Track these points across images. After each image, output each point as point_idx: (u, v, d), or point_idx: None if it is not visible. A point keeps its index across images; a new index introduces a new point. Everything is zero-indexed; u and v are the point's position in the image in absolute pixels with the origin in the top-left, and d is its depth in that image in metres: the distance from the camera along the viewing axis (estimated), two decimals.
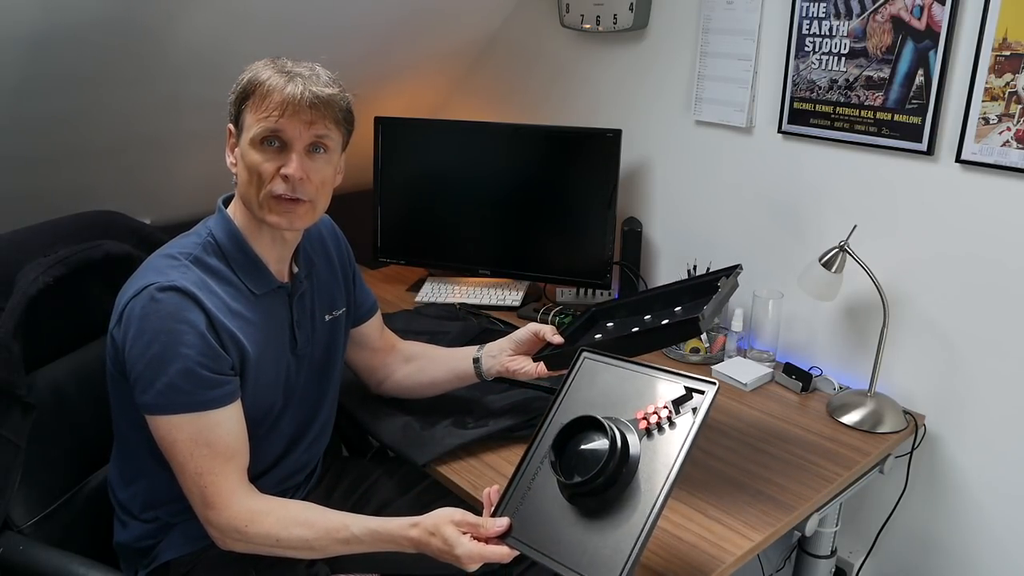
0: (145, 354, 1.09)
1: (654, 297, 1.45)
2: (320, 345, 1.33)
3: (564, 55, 2.10)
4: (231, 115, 1.19)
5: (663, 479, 0.98)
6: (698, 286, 1.40)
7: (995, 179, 1.41)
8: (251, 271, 1.20)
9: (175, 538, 1.22)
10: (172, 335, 1.09)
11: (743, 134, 1.76)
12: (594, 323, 1.48)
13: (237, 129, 1.18)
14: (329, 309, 1.35)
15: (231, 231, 1.20)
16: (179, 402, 1.10)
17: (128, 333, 1.11)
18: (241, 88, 1.17)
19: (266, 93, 1.13)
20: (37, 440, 1.19)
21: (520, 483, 1.09)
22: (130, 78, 1.63)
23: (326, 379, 1.37)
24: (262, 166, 1.14)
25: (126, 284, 1.16)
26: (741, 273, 1.38)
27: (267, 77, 1.14)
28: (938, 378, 1.54)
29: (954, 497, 1.57)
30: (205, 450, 1.11)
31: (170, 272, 1.13)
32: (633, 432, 1.04)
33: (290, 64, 1.17)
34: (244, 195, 1.18)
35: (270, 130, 1.14)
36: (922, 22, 1.43)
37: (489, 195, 2.05)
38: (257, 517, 1.12)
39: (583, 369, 1.17)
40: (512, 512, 1.07)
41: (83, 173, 1.82)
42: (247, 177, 1.16)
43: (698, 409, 1.02)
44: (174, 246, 1.20)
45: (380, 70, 2.09)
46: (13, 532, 1.18)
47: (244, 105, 1.16)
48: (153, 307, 1.10)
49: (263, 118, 1.13)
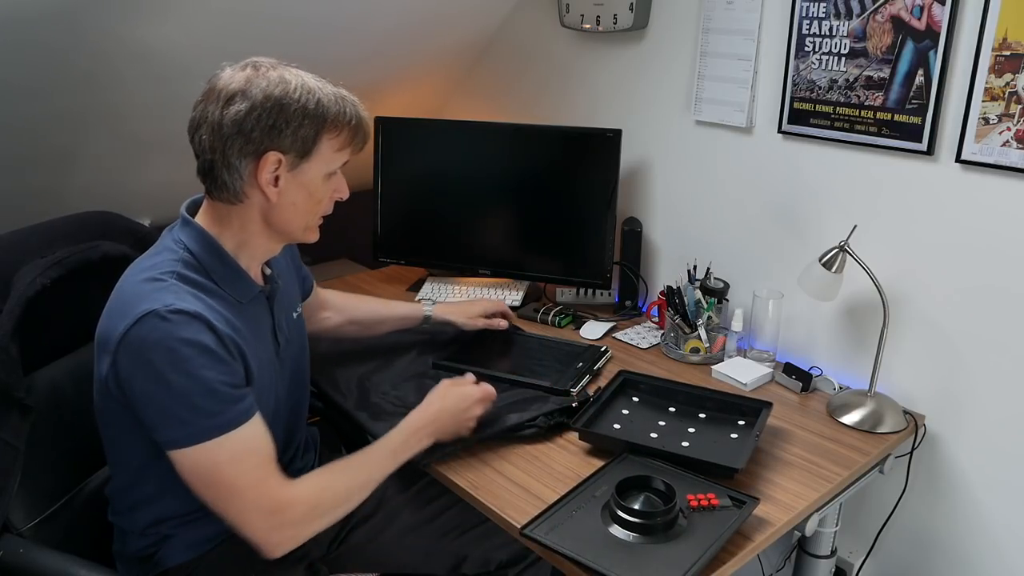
0: (162, 389, 1.03)
1: (679, 390, 1.55)
2: (295, 344, 1.33)
3: (564, 55, 2.09)
4: (290, 144, 1.10)
5: (698, 552, 1.11)
6: (728, 403, 1.50)
7: (995, 179, 1.40)
8: (233, 281, 1.16)
9: (176, 546, 1.21)
10: (189, 362, 1.03)
11: (743, 134, 1.76)
12: (623, 390, 1.57)
13: (299, 158, 1.12)
14: (295, 305, 1.35)
15: (208, 243, 1.15)
16: (211, 426, 1.05)
17: (133, 367, 1.04)
18: (319, 119, 1.11)
19: (355, 130, 1.15)
20: (35, 442, 1.19)
21: (562, 510, 1.20)
22: (129, 78, 1.62)
23: (302, 381, 1.37)
24: (327, 195, 1.18)
25: (107, 319, 1.08)
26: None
27: (348, 112, 1.14)
28: (938, 378, 1.54)
29: (954, 497, 1.57)
30: (253, 460, 1.08)
31: (163, 295, 1.05)
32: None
33: (330, 85, 1.15)
34: (293, 221, 1.17)
35: (344, 163, 1.17)
36: (922, 22, 1.43)
37: (489, 195, 2.05)
38: (323, 485, 1.15)
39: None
40: (549, 529, 1.17)
41: (81, 174, 1.82)
42: (309, 207, 1.16)
43: (735, 520, 1.17)
44: (148, 269, 1.11)
45: (380, 70, 2.09)
46: (12, 535, 1.17)
47: (321, 137, 1.12)
48: (156, 336, 1.03)
49: (350, 149, 1.16)
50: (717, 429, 1.44)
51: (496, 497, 1.26)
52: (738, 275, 1.80)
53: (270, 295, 1.24)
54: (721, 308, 1.75)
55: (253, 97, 1.08)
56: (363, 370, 1.62)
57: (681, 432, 1.42)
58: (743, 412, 1.47)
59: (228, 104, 1.09)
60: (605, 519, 1.16)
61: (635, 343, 1.82)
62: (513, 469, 1.33)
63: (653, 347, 1.81)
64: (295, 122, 1.09)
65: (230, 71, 1.12)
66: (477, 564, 1.40)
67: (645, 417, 1.47)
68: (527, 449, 1.39)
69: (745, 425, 1.44)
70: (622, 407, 1.50)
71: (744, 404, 1.48)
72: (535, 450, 1.39)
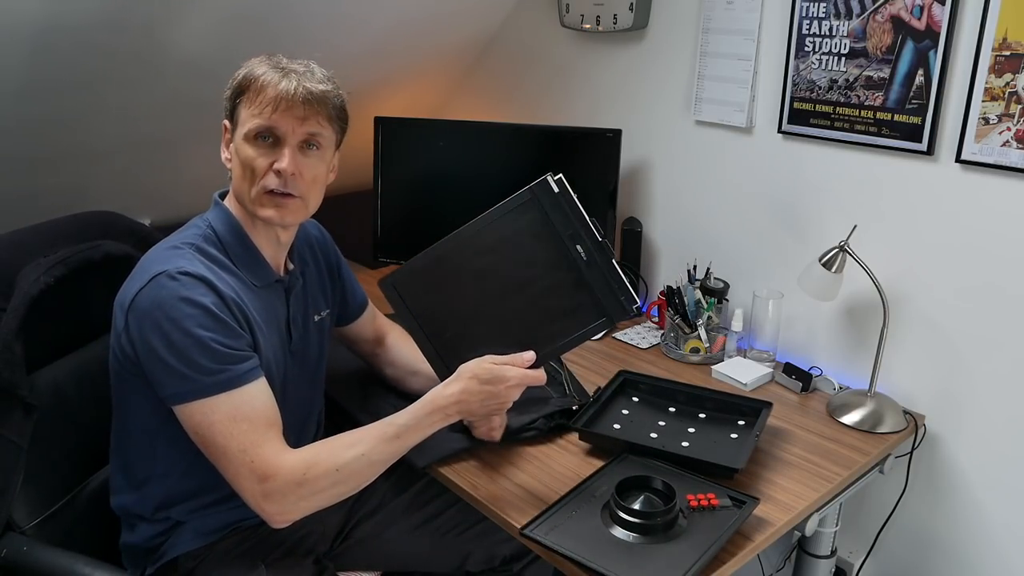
0: (163, 344, 1.08)
1: (679, 390, 1.54)
2: (312, 344, 1.33)
3: (564, 55, 2.10)
4: (226, 110, 1.20)
5: (697, 552, 1.10)
6: (728, 403, 1.50)
7: (995, 179, 1.41)
8: (250, 263, 1.21)
9: (184, 534, 1.22)
10: (188, 319, 1.08)
11: (743, 134, 1.76)
12: (623, 390, 1.56)
13: (232, 124, 1.20)
14: (317, 310, 1.35)
15: (230, 223, 1.21)
16: (208, 383, 1.08)
17: (141, 327, 1.09)
18: (236, 83, 1.18)
19: (260, 88, 1.15)
20: (38, 441, 1.19)
21: (562, 510, 1.19)
22: (129, 78, 1.63)
23: (316, 381, 1.37)
24: (255, 161, 1.16)
25: (126, 284, 1.15)
26: None
27: (262, 73, 1.15)
28: (938, 378, 1.54)
29: (954, 497, 1.57)
30: (245, 425, 1.09)
31: (176, 260, 1.13)
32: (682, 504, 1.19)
33: (285, 61, 1.18)
34: (238, 190, 1.20)
35: (263, 126, 1.15)
36: (922, 22, 1.43)
37: (489, 195, 2.02)
38: (311, 460, 1.10)
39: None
40: (549, 529, 1.16)
41: (82, 174, 1.82)
42: (241, 172, 1.17)
43: (735, 521, 1.16)
44: (173, 239, 1.19)
45: (380, 70, 2.09)
46: (16, 533, 1.18)
47: (239, 100, 1.17)
48: (163, 294, 1.08)
49: (257, 113, 1.15)
50: (717, 429, 1.44)
51: (496, 497, 1.26)
52: (738, 275, 1.81)
53: (288, 287, 1.26)
54: (721, 308, 1.76)
55: None
56: (362, 374, 1.61)
57: (681, 432, 1.43)
58: (743, 412, 1.47)
59: None
60: (605, 519, 1.16)
61: (635, 343, 1.83)
62: (513, 469, 1.33)
63: (653, 347, 1.81)
64: (230, 90, 1.19)
65: None
66: (481, 560, 1.40)
67: (645, 417, 1.48)
68: (527, 449, 1.39)
69: (745, 425, 1.44)
70: (622, 407, 1.51)
71: (744, 404, 1.49)
72: (535, 450, 1.39)
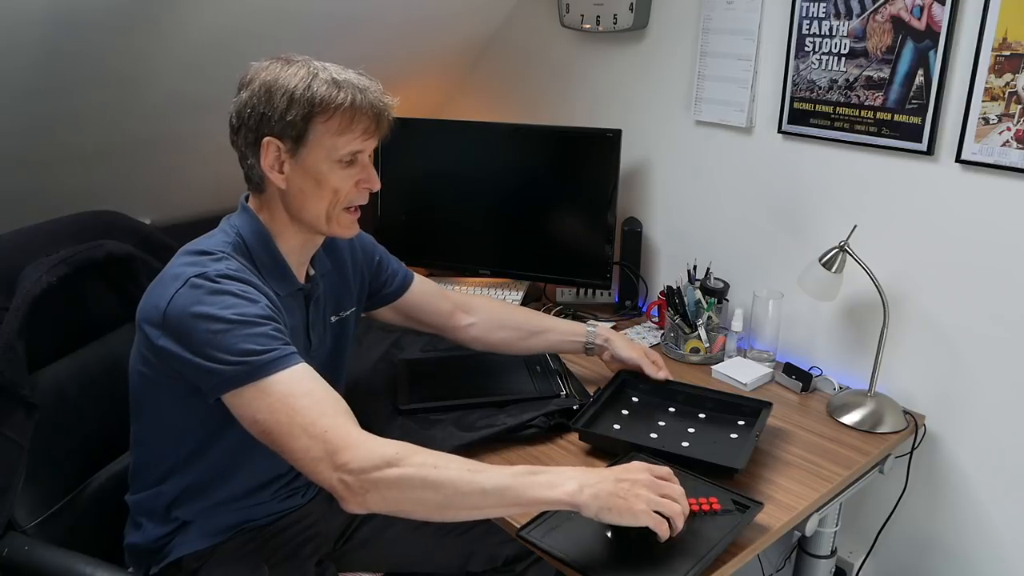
0: (209, 334, 1.03)
1: (679, 390, 1.54)
2: (327, 346, 1.33)
3: (564, 55, 2.10)
4: (280, 129, 1.11)
5: (696, 557, 1.09)
6: (728, 403, 1.50)
7: (995, 179, 1.41)
8: (276, 273, 1.19)
9: (190, 534, 1.21)
10: (230, 308, 1.04)
11: (743, 134, 1.76)
12: (622, 391, 1.56)
13: (297, 145, 1.12)
14: (336, 310, 1.35)
15: (260, 232, 1.18)
16: (262, 363, 1.02)
17: (181, 328, 1.04)
18: (305, 103, 1.10)
19: (354, 112, 1.11)
20: (40, 440, 1.19)
21: (560, 512, 1.15)
22: (130, 78, 1.63)
23: (332, 381, 1.37)
24: (346, 182, 1.15)
25: (152, 294, 1.09)
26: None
27: (342, 96, 1.10)
28: (938, 378, 1.54)
29: (954, 497, 1.57)
30: (307, 399, 1.02)
31: (211, 264, 1.09)
32: None
33: (331, 68, 1.13)
34: (307, 209, 1.16)
35: (359, 150, 1.14)
36: (922, 22, 1.44)
37: (489, 195, 2.05)
38: (407, 447, 1.01)
39: None
40: (547, 530, 1.14)
41: (83, 173, 1.82)
42: (318, 193, 1.14)
43: (736, 527, 1.15)
44: (202, 244, 1.15)
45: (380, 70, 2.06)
46: (17, 533, 1.18)
47: (312, 122, 1.11)
48: (199, 294, 1.04)
49: (353, 139, 1.13)
50: (717, 429, 1.44)
51: None
52: (738, 275, 1.81)
53: (308, 294, 1.26)
54: (721, 308, 1.76)
55: (252, 86, 1.12)
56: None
57: (681, 432, 1.43)
58: (743, 412, 1.47)
59: (237, 95, 1.14)
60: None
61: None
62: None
63: (653, 347, 1.81)
64: (282, 107, 1.10)
65: (256, 64, 1.15)
66: (484, 560, 1.40)
67: (645, 417, 1.48)
68: (527, 449, 1.39)
69: (745, 425, 1.44)
70: (622, 407, 1.51)
71: (744, 404, 1.49)
72: (535, 450, 1.39)
